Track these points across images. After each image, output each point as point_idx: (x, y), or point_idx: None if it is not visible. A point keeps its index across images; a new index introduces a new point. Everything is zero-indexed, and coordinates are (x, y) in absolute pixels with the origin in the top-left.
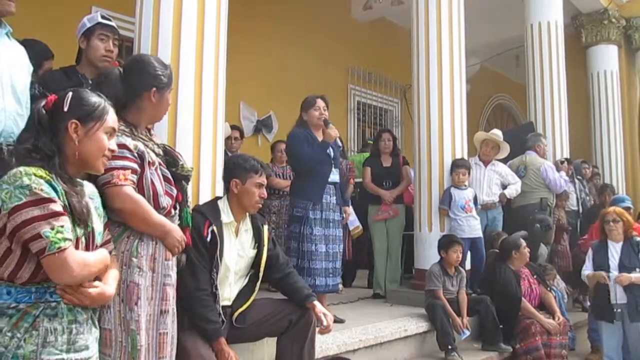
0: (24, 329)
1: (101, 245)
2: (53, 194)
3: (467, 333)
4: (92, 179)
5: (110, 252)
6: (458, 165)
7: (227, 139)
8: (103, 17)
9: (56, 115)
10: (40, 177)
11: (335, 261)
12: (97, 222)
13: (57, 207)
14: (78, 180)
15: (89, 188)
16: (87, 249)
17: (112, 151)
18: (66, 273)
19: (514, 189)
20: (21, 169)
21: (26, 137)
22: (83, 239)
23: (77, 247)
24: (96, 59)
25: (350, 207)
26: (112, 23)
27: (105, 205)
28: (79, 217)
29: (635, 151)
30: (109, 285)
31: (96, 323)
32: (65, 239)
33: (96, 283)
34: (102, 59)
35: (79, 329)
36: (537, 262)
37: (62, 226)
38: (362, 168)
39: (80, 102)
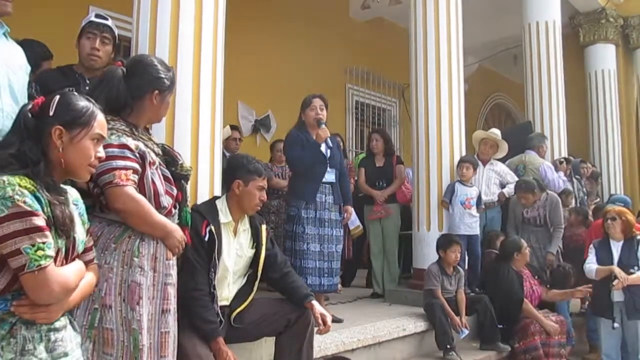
0: (0, 336)
1: (82, 252)
2: (36, 206)
3: (466, 332)
4: (93, 179)
5: (92, 260)
6: (463, 159)
7: (228, 139)
8: (97, 15)
9: (42, 119)
10: (25, 187)
11: (332, 261)
12: (80, 230)
13: (40, 221)
14: (63, 187)
15: (73, 194)
16: (65, 259)
17: (99, 159)
18: (45, 292)
19: (513, 188)
20: (4, 177)
21: (11, 140)
22: (63, 249)
23: (56, 258)
24: (83, 58)
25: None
26: (105, 21)
27: (98, 205)
28: (62, 228)
29: (632, 150)
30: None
31: (76, 328)
32: (46, 257)
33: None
34: (87, 58)
35: (57, 336)
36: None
37: (43, 242)
38: (357, 168)
39: (66, 107)
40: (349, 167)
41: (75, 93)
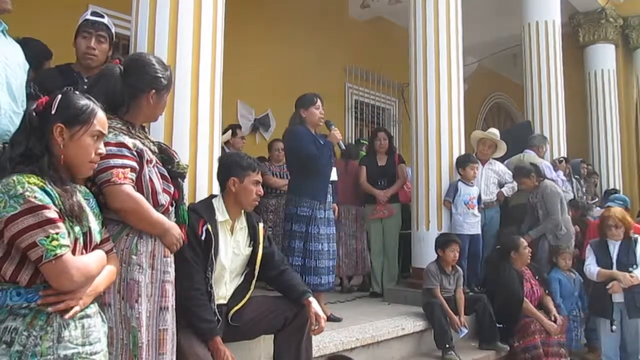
0: (39, 327)
1: (100, 244)
2: (47, 200)
3: (465, 331)
4: (91, 178)
5: (111, 250)
6: (471, 160)
7: (235, 137)
8: (93, 13)
9: (45, 117)
10: (34, 184)
11: (334, 259)
12: (94, 222)
13: (52, 213)
14: (67, 180)
15: (82, 190)
16: (85, 248)
17: (99, 154)
18: (66, 279)
19: (511, 187)
20: (14, 177)
21: (19, 139)
22: (81, 239)
23: (75, 248)
24: (79, 57)
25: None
26: (101, 19)
27: (100, 204)
28: (71, 215)
29: (632, 150)
30: (93, 287)
31: (104, 318)
32: (61, 246)
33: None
34: (84, 57)
35: (90, 322)
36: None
37: (57, 233)
38: (358, 167)
39: (67, 106)
40: None
41: (77, 92)
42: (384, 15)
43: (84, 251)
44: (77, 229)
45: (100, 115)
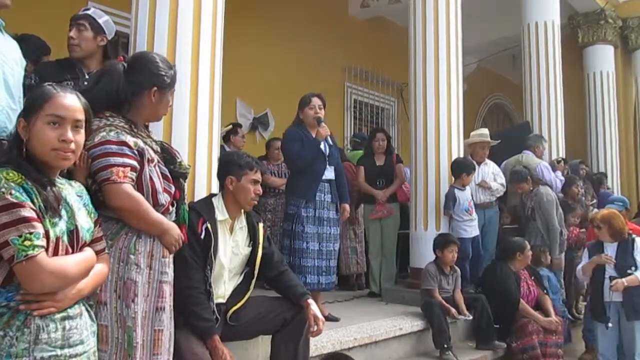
0: (15, 327)
1: (91, 242)
2: (23, 198)
3: (469, 317)
4: (92, 175)
5: (103, 250)
6: (473, 167)
7: (236, 136)
8: (85, 9)
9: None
10: (12, 180)
11: (330, 259)
12: (85, 219)
13: (27, 212)
14: (44, 173)
15: (76, 186)
16: (71, 246)
17: (65, 141)
18: (37, 282)
19: (500, 183)
20: None
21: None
22: (65, 237)
23: (57, 247)
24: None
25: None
26: (86, 12)
27: (95, 202)
28: (46, 207)
29: (630, 151)
30: (76, 289)
31: (93, 317)
32: (34, 246)
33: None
34: (68, 48)
35: (72, 324)
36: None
37: (31, 233)
38: (356, 167)
39: (27, 99)
40: None
41: (48, 84)
42: (383, 15)
43: (69, 249)
44: (60, 226)
45: (59, 100)
